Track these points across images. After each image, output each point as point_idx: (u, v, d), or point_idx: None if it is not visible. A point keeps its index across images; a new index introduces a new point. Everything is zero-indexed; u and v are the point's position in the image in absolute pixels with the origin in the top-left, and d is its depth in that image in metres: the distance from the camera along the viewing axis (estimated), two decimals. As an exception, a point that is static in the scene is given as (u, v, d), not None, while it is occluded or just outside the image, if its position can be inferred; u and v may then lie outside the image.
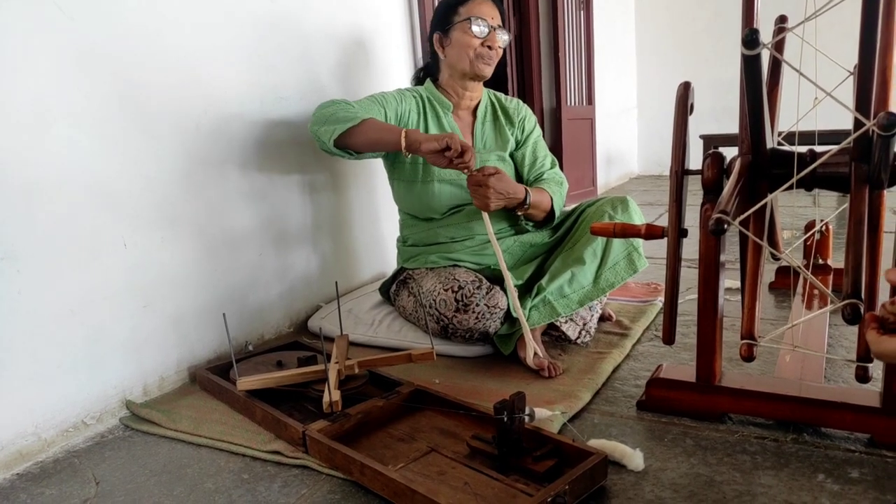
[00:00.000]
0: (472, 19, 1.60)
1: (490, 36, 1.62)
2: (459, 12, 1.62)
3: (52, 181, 1.25)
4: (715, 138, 3.94)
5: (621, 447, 1.08)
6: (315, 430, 1.13)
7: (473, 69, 1.64)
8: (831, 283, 1.93)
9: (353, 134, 1.48)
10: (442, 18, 1.66)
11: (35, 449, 1.23)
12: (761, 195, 1.10)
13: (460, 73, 1.67)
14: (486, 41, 1.62)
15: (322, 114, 1.54)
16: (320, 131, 1.52)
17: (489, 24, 1.62)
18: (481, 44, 1.62)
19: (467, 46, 1.62)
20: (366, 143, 1.50)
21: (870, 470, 1.02)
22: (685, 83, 1.17)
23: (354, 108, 1.54)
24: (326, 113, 1.53)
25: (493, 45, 1.63)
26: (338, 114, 1.51)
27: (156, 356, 1.48)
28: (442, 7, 1.68)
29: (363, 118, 1.49)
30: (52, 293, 1.26)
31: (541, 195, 1.64)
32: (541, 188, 1.66)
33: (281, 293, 1.83)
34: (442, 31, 1.66)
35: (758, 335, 1.01)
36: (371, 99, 1.64)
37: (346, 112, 1.51)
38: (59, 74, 1.25)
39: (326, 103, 1.58)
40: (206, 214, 1.58)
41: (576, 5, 4.13)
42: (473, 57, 1.62)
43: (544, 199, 1.65)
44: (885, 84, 1.00)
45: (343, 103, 1.56)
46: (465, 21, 1.60)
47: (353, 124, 1.47)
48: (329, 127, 1.50)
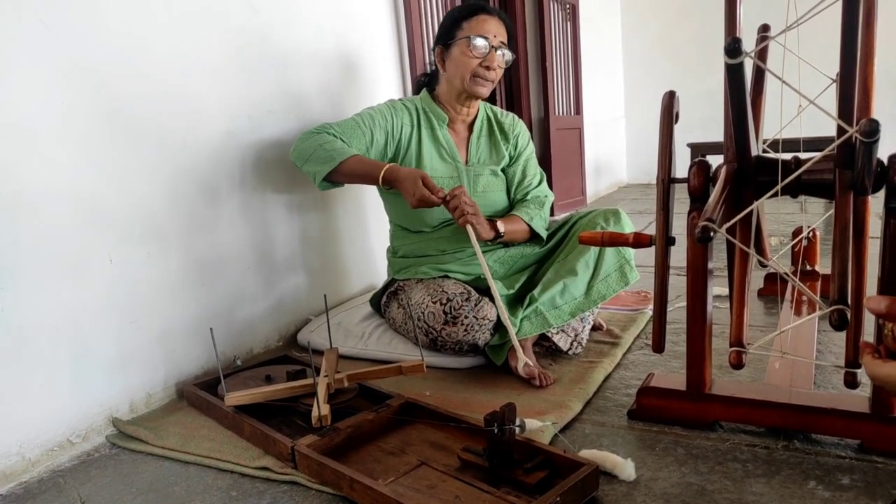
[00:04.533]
0: (471, 38, 1.58)
1: (489, 56, 1.60)
2: (463, 28, 1.61)
3: (36, 196, 1.24)
4: (702, 147, 3.97)
5: (612, 457, 1.07)
6: (304, 445, 1.12)
7: (469, 89, 1.63)
8: (819, 289, 1.94)
9: (334, 175, 1.53)
10: (445, 32, 1.65)
11: (19, 469, 1.21)
12: (747, 202, 1.11)
13: (457, 91, 1.67)
14: (484, 61, 1.60)
15: (304, 149, 1.55)
16: (303, 170, 1.57)
17: (490, 44, 1.59)
18: (479, 63, 1.60)
19: (465, 65, 1.61)
20: (349, 180, 1.56)
21: (860, 476, 1.02)
22: (670, 92, 1.18)
23: (332, 141, 1.54)
24: (308, 148, 1.54)
25: (492, 66, 1.61)
26: (316, 153, 1.52)
27: (142, 372, 1.46)
28: (447, 20, 1.66)
29: (343, 158, 1.49)
30: (36, 309, 1.24)
31: (514, 224, 1.64)
32: (515, 216, 1.66)
33: (269, 307, 1.81)
34: (444, 45, 1.65)
35: (747, 342, 1.01)
36: (356, 120, 1.63)
37: (324, 151, 1.51)
38: (43, 90, 1.24)
39: (307, 135, 1.58)
40: (193, 229, 1.57)
41: (562, 16, 4.17)
42: (470, 76, 1.62)
43: (519, 227, 1.65)
44: (866, 91, 1.01)
45: (322, 135, 1.55)
46: (466, 39, 1.59)
47: (333, 167, 1.50)
48: (310, 168, 1.54)
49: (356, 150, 1.56)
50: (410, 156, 1.68)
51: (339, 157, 1.49)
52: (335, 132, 1.57)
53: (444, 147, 1.71)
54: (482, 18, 1.60)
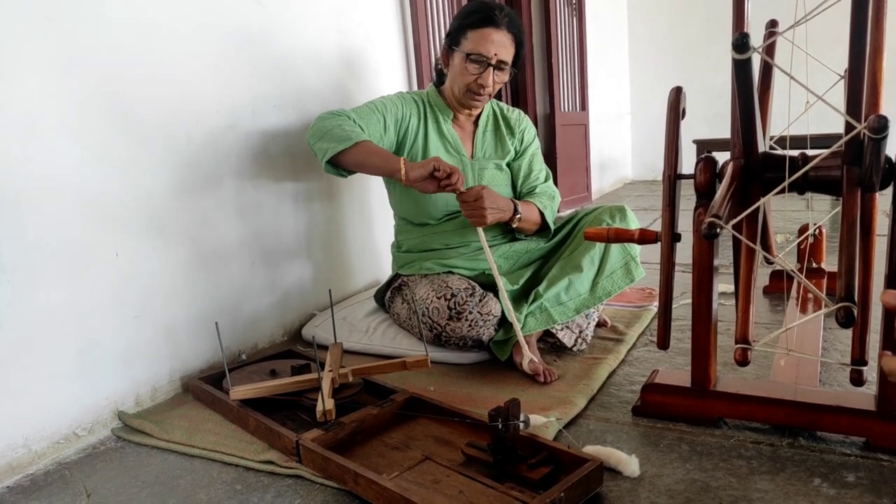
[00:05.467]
0: (469, 56, 1.56)
1: (485, 74, 1.58)
2: (467, 37, 1.58)
3: (41, 191, 1.24)
4: (708, 143, 3.96)
5: (617, 453, 1.07)
6: (309, 440, 1.12)
7: (462, 101, 1.64)
8: (825, 286, 1.93)
9: (345, 156, 1.49)
10: (453, 33, 1.62)
11: (25, 461, 1.22)
12: (754, 199, 1.10)
13: (456, 98, 1.67)
14: (479, 79, 1.59)
15: (320, 127, 1.53)
16: (315, 147, 1.54)
17: (488, 62, 1.56)
18: (475, 80, 1.59)
19: (461, 78, 1.60)
20: (357, 166, 1.52)
21: (865, 474, 1.02)
22: (676, 88, 1.17)
23: (352, 124, 1.53)
24: (324, 127, 1.52)
25: (486, 84, 1.59)
26: (333, 131, 1.50)
27: (148, 366, 1.46)
28: (457, 20, 1.63)
29: (357, 141, 1.48)
30: (42, 304, 1.25)
31: (529, 208, 1.64)
32: (529, 202, 1.66)
33: (274, 302, 1.82)
34: (449, 46, 1.64)
35: (752, 339, 1.00)
36: (370, 107, 1.63)
37: (342, 131, 1.50)
38: (48, 84, 1.24)
39: (326, 115, 1.57)
40: (199, 224, 1.58)
41: (568, 11, 4.15)
42: (465, 90, 1.62)
43: (533, 213, 1.65)
44: (875, 87, 1.00)
45: (343, 117, 1.54)
46: (464, 55, 1.57)
47: (346, 146, 1.47)
48: (323, 144, 1.50)
49: (371, 137, 1.56)
50: (417, 148, 1.68)
51: (355, 138, 1.48)
52: (353, 117, 1.57)
53: (450, 141, 1.71)
54: (486, 33, 1.56)
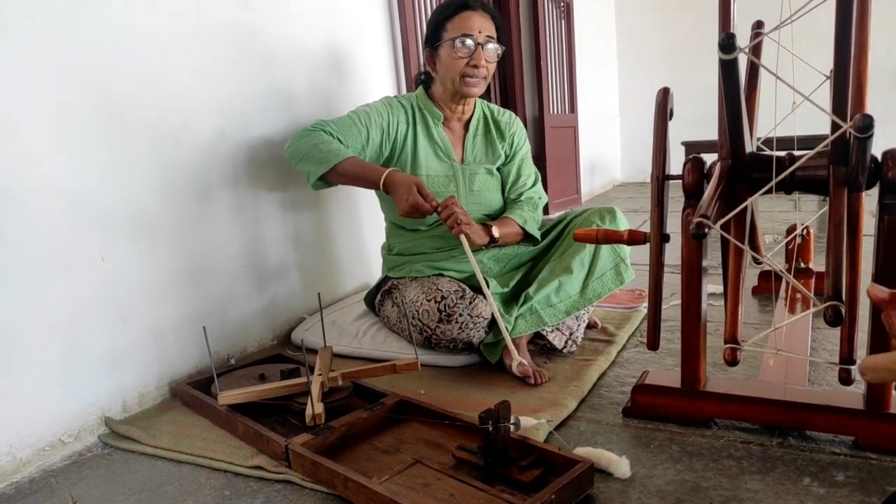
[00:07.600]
0: (456, 39, 1.56)
1: (476, 54, 1.58)
2: (447, 28, 1.58)
3: (26, 193, 1.22)
4: (696, 145, 3.98)
5: (607, 455, 1.07)
6: (298, 444, 1.11)
7: (460, 90, 1.62)
8: (813, 286, 1.94)
9: (330, 174, 1.51)
10: (431, 35, 1.63)
11: (10, 469, 1.20)
12: (741, 199, 1.11)
13: (450, 93, 1.65)
14: (471, 60, 1.58)
15: (299, 147, 1.53)
16: (297, 167, 1.56)
17: (475, 41, 1.57)
18: (467, 64, 1.59)
19: (454, 67, 1.59)
20: (343, 182, 1.55)
21: (855, 472, 1.02)
22: (664, 89, 1.18)
23: (328, 141, 1.52)
24: (303, 147, 1.52)
25: (480, 64, 1.59)
26: (311, 153, 1.50)
27: (135, 371, 1.45)
28: (432, 22, 1.64)
29: (339, 160, 1.48)
30: (27, 308, 1.23)
31: (508, 227, 1.63)
32: (508, 218, 1.65)
33: (263, 305, 1.81)
34: (431, 47, 1.64)
35: (741, 339, 1.01)
36: (352, 117, 1.61)
37: (319, 152, 1.49)
38: (32, 86, 1.23)
39: (302, 132, 1.56)
40: (186, 227, 1.56)
41: (557, 14, 4.17)
42: (460, 78, 1.60)
43: (512, 230, 1.64)
44: (860, 88, 1.01)
45: (318, 133, 1.54)
46: (451, 40, 1.57)
47: (328, 168, 1.49)
48: (304, 167, 1.53)
49: (352, 149, 1.55)
50: (406, 154, 1.67)
51: (334, 160, 1.48)
52: (331, 130, 1.56)
53: (440, 145, 1.70)
54: (465, 16, 1.57)
